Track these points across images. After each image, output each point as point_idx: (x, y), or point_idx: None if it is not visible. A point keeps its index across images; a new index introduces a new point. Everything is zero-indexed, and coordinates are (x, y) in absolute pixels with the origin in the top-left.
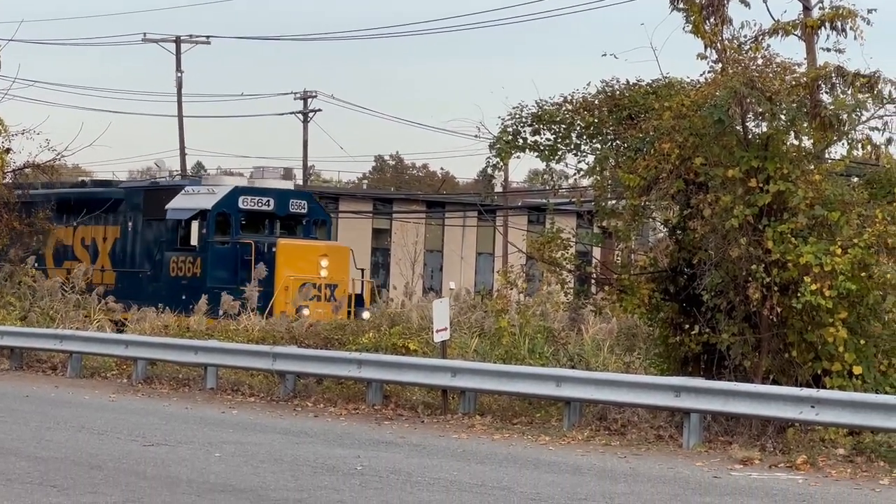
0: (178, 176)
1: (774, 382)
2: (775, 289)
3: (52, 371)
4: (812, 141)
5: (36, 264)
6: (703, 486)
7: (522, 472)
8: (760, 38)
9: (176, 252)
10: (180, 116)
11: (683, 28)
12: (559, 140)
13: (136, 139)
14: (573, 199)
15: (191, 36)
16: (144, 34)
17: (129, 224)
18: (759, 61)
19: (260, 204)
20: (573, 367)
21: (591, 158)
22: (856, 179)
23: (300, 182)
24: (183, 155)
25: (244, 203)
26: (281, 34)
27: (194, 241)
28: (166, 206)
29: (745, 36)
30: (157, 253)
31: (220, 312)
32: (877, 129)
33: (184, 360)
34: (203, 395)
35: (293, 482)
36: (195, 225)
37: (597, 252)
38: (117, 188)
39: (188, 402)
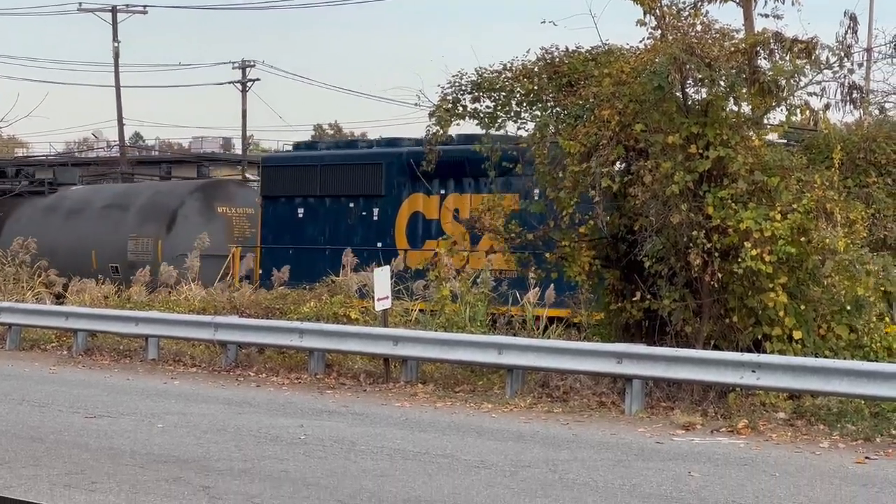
0: (117, 147)
1: (716, 348)
2: (716, 254)
3: None
4: (751, 107)
5: (379, 244)
6: (646, 451)
7: (466, 439)
8: (699, 5)
9: None
10: (118, 86)
11: None
12: (499, 108)
13: (73, 109)
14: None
15: (127, 6)
16: (80, 3)
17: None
18: (699, 28)
19: None
20: (515, 335)
21: (531, 126)
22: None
23: (238, 152)
24: (121, 125)
25: None
26: (218, 3)
27: None
28: None
29: (683, 2)
30: None
31: None
32: (815, 94)
33: (124, 331)
34: (145, 366)
35: (237, 452)
36: None
37: None
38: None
39: (130, 373)
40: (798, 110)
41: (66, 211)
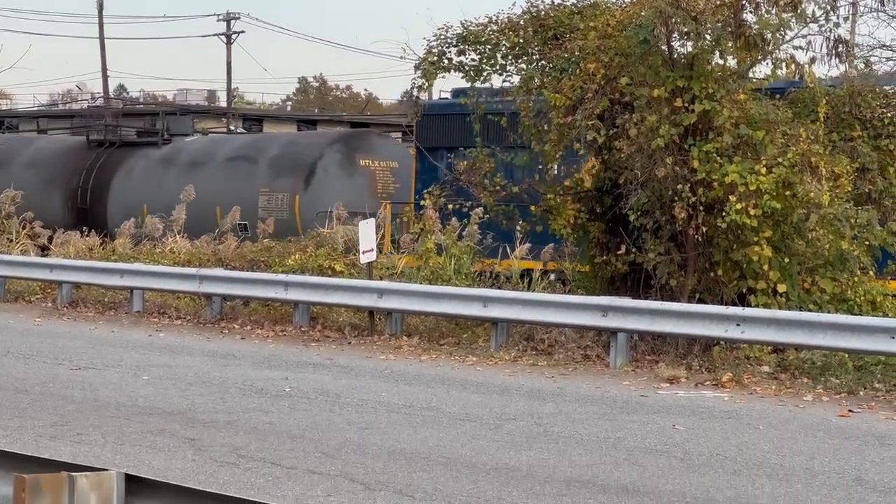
0: (101, 99)
1: (700, 301)
2: (701, 208)
3: None
4: (736, 61)
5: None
6: (631, 404)
7: (451, 392)
8: None
9: None
10: (102, 38)
11: None
12: (485, 61)
13: (57, 61)
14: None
15: None
16: None
17: None
18: None
19: None
20: (500, 288)
21: (516, 79)
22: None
23: (223, 104)
24: (105, 77)
25: None
26: None
27: None
28: None
29: None
30: None
31: None
32: (800, 48)
33: (109, 283)
34: (129, 319)
35: (222, 404)
36: None
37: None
38: None
39: (115, 325)
40: (784, 64)
41: (185, 164)
